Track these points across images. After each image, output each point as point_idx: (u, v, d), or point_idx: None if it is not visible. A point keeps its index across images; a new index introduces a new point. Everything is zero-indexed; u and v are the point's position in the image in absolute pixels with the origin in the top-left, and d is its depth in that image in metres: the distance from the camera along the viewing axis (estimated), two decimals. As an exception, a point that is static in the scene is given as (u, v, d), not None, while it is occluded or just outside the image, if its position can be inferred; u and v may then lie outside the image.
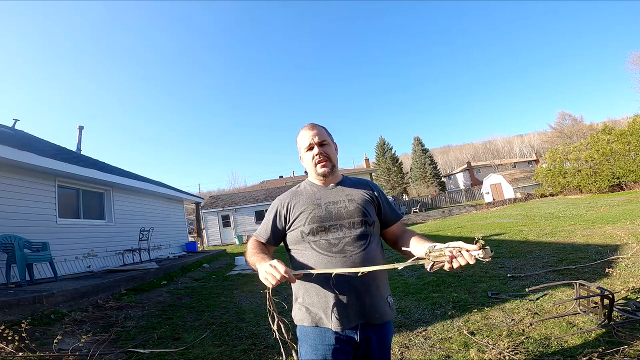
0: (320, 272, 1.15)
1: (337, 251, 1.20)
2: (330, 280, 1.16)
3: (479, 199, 31.15)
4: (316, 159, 1.31)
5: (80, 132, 11.13)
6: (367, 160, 24.72)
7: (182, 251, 11.73)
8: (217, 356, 2.85)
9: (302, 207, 1.29)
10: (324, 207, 1.27)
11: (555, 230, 7.76)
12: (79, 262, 6.55)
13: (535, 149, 60.37)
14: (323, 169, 1.31)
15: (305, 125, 1.37)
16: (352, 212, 1.26)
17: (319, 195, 1.32)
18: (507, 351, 2.39)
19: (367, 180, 1.45)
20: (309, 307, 1.21)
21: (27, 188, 5.63)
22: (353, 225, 1.24)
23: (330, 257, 1.20)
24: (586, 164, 18.24)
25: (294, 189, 1.40)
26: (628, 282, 3.56)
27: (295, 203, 1.31)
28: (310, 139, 1.32)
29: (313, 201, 1.29)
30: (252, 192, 26.00)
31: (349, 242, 1.22)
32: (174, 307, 4.62)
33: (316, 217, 1.25)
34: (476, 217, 15.87)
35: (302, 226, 1.26)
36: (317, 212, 1.26)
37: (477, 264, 5.11)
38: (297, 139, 1.39)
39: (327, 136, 1.36)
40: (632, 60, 30.74)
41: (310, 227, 1.24)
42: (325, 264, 1.19)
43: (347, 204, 1.28)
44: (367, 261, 1.20)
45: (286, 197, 1.36)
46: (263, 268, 1.09)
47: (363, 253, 1.21)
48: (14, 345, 2.61)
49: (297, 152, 1.43)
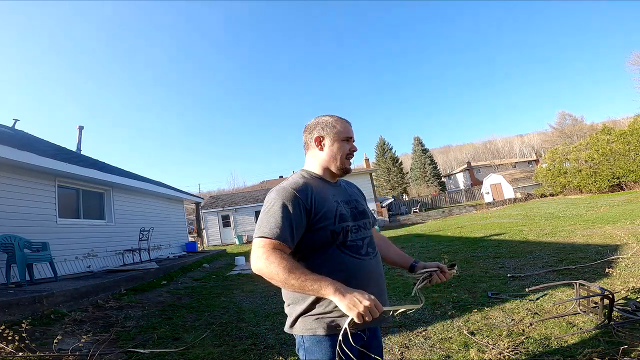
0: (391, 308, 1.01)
1: (364, 253, 1.16)
2: (364, 279, 1.11)
3: (479, 199, 31.14)
4: (350, 155, 1.27)
5: (80, 132, 11.14)
6: (367, 160, 24.69)
7: (182, 251, 11.72)
8: (217, 356, 2.85)
9: (324, 202, 1.13)
10: (343, 205, 1.19)
11: (555, 230, 7.76)
12: (79, 262, 6.55)
13: (535, 149, 60.35)
14: (350, 167, 1.28)
15: (343, 118, 1.31)
16: (362, 212, 1.24)
17: (332, 191, 1.22)
18: (507, 351, 2.39)
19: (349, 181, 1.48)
20: (324, 315, 1.06)
21: (27, 188, 5.63)
22: (365, 225, 1.23)
23: (360, 260, 1.13)
24: (586, 164, 18.24)
25: (301, 179, 1.17)
26: (628, 282, 3.56)
27: (317, 195, 1.13)
28: (351, 133, 1.28)
29: (333, 196, 1.19)
30: (252, 192, 26.00)
31: (369, 242, 1.20)
32: (174, 307, 4.62)
33: (343, 215, 1.15)
34: (476, 217, 15.87)
35: (331, 225, 1.10)
36: (340, 209, 1.15)
37: (477, 264, 5.08)
38: (334, 123, 1.26)
39: None
40: (632, 60, 30.73)
41: (341, 227, 1.11)
42: (358, 269, 1.12)
43: (356, 203, 1.26)
44: (380, 262, 1.24)
45: (304, 188, 1.12)
46: (355, 301, 0.90)
47: (379, 255, 1.24)
48: (14, 345, 2.60)
49: (299, 144, 1.33)
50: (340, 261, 1.10)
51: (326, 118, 1.29)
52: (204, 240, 19.65)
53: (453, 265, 1.30)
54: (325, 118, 1.29)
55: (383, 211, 20.73)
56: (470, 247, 7.16)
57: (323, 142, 1.25)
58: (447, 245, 7.90)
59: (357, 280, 1.06)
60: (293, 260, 1.03)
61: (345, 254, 1.11)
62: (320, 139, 1.25)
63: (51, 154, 6.25)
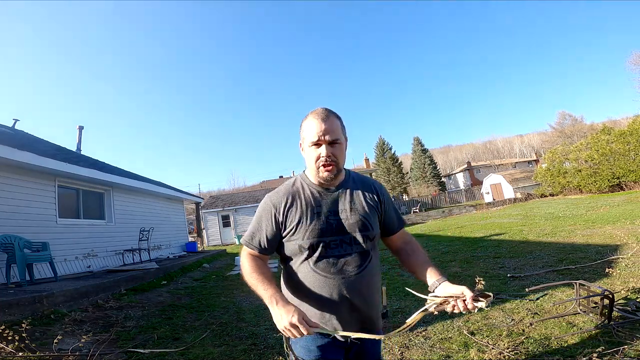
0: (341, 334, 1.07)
1: (335, 271, 1.10)
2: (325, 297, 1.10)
3: (479, 199, 31.14)
4: (322, 161, 1.10)
5: (80, 132, 11.14)
6: (367, 160, 24.74)
7: (182, 251, 11.72)
8: (217, 356, 2.85)
9: (300, 215, 1.12)
10: (324, 218, 1.12)
11: (555, 230, 7.76)
12: (79, 262, 6.55)
13: (535, 149, 60.36)
14: (326, 174, 1.11)
15: (318, 112, 1.12)
16: (353, 225, 1.13)
17: (320, 201, 1.15)
18: (507, 351, 2.39)
19: (372, 181, 1.28)
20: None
21: (27, 188, 5.63)
22: (354, 240, 1.13)
23: (328, 279, 1.10)
24: (586, 164, 18.25)
25: (289, 187, 1.19)
26: (628, 282, 3.56)
27: (293, 208, 1.14)
28: (319, 134, 1.08)
29: (313, 209, 1.13)
30: (252, 192, 26.01)
31: (349, 260, 1.11)
32: (174, 307, 4.62)
33: (316, 230, 1.10)
34: (476, 217, 15.87)
35: (300, 239, 1.11)
36: (317, 224, 1.11)
37: (477, 264, 5.05)
38: (303, 125, 1.14)
39: (341, 132, 1.13)
40: (632, 60, 30.71)
41: (310, 242, 1.10)
42: (323, 286, 1.10)
43: (349, 214, 1.14)
44: (366, 283, 1.13)
45: (281, 199, 1.16)
46: (282, 317, 0.96)
47: (364, 273, 1.12)
48: (14, 345, 2.60)
49: (296, 144, 1.23)
50: (307, 275, 1.12)
51: (302, 121, 1.17)
52: (204, 240, 19.65)
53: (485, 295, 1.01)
54: (302, 121, 1.17)
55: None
56: (470, 247, 7.16)
57: (301, 147, 1.18)
58: (447, 245, 7.90)
59: (321, 299, 1.10)
60: (258, 264, 1.14)
61: (313, 270, 1.11)
62: (301, 146, 1.18)
63: (51, 154, 6.24)
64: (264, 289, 1.05)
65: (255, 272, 1.10)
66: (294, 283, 1.16)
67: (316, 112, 1.12)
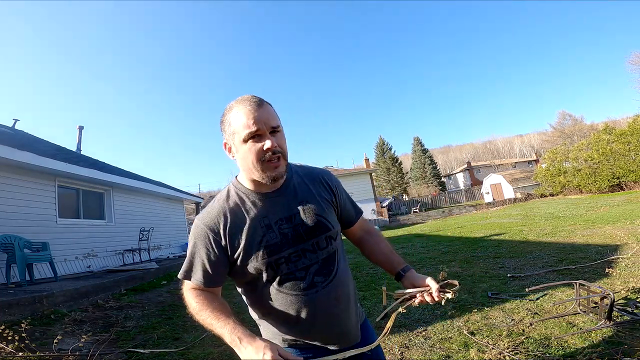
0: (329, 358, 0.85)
1: (305, 287, 0.94)
2: (300, 316, 0.95)
3: (479, 199, 31.14)
4: (268, 157, 0.88)
5: (80, 132, 11.15)
6: (367, 160, 24.70)
7: (182, 251, 11.72)
8: (217, 356, 2.85)
9: (245, 231, 0.93)
10: (276, 230, 0.94)
11: (555, 230, 7.76)
12: (79, 262, 6.55)
13: (536, 149, 60.32)
14: (277, 172, 0.91)
15: (246, 98, 0.90)
16: (312, 229, 0.96)
17: (264, 210, 0.96)
18: (507, 351, 2.39)
19: (320, 170, 1.12)
20: (275, 336, 1.01)
21: (27, 188, 5.63)
22: (317, 246, 0.97)
23: (299, 297, 0.94)
24: (586, 164, 18.26)
25: (222, 202, 0.97)
26: (628, 282, 3.56)
27: (234, 227, 0.94)
28: (257, 123, 0.86)
29: (259, 220, 0.94)
30: (252, 192, 25.91)
31: (317, 270, 0.96)
32: (174, 307, 4.62)
33: (270, 245, 0.92)
34: (476, 217, 15.87)
35: (254, 261, 0.92)
36: (270, 237, 0.93)
37: (477, 264, 5.05)
38: (230, 118, 0.91)
39: (278, 119, 0.93)
40: (632, 60, 30.74)
41: (266, 262, 0.92)
42: (294, 305, 0.94)
43: (304, 217, 0.97)
44: (340, 289, 0.99)
45: (216, 220, 0.94)
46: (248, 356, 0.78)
47: (335, 281, 0.98)
48: (14, 345, 2.60)
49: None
50: (275, 298, 0.95)
51: (225, 114, 0.94)
52: (204, 240, 19.57)
53: (449, 285, 0.98)
54: (224, 114, 0.94)
55: (383, 211, 20.73)
56: (470, 247, 7.16)
57: (231, 150, 0.95)
58: (447, 245, 7.90)
59: (303, 320, 0.95)
60: (206, 298, 0.95)
61: (279, 291, 0.94)
62: (227, 146, 0.96)
63: (51, 154, 6.25)
64: (220, 327, 0.85)
65: (205, 309, 0.90)
66: (259, 307, 1.01)
67: (243, 98, 0.91)
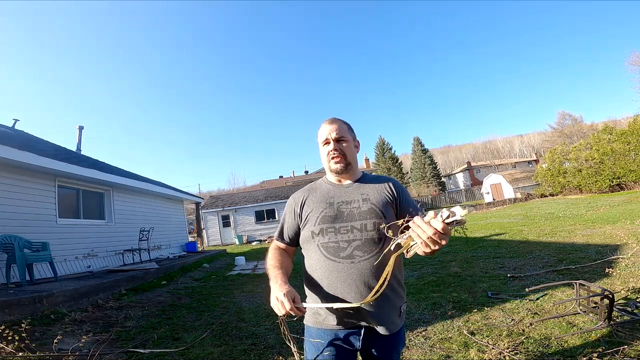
0: (321, 306, 1.15)
1: (345, 256, 1.15)
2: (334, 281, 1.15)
3: (479, 199, 31.15)
4: (331, 155, 1.25)
5: (80, 132, 11.14)
6: (367, 160, 24.77)
7: (182, 251, 11.72)
8: (217, 356, 2.85)
9: (314, 205, 1.26)
10: (335, 207, 1.23)
11: (555, 230, 7.76)
12: (79, 262, 6.55)
13: (535, 149, 60.39)
14: (336, 166, 1.25)
15: (326, 120, 1.32)
16: (365, 212, 1.19)
17: (333, 193, 1.27)
18: (507, 351, 2.39)
19: (387, 177, 1.37)
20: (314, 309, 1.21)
21: (27, 188, 5.63)
22: (365, 227, 1.17)
23: (336, 263, 1.15)
24: (586, 164, 18.26)
25: (310, 185, 1.37)
26: (628, 282, 3.56)
27: (309, 200, 1.28)
28: (327, 134, 1.26)
29: (326, 199, 1.25)
30: (252, 192, 25.98)
31: (359, 245, 1.15)
32: (174, 307, 4.62)
33: (327, 216, 1.21)
34: (476, 217, 15.87)
35: (312, 226, 1.22)
36: (328, 211, 1.22)
37: (477, 264, 5.02)
38: (318, 132, 1.33)
39: (347, 133, 1.29)
40: (632, 60, 30.75)
41: (320, 228, 1.20)
42: (331, 271, 1.15)
43: (361, 203, 1.22)
44: (377, 269, 1.12)
45: (300, 194, 1.33)
46: (274, 294, 1.08)
47: (372, 260, 1.13)
48: (14, 345, 2.60)
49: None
50: (317, 259, 1.20)
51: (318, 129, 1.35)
52: (204, 240, 19.66)
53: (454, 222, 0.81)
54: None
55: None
56: (470, 247, 7.17)
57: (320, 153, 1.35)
58: (447, 245, 7.90)
59: (328, 281, 1.17)
60: (278, 252, 1.29)
61: (322, 254, 1.19)
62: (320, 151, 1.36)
63: (51, 154, 6.24)
64: (271, 270, 1.19)
65: (272, 258, 1.26)
66: (307, 268, 1.26)
67: (326, 120, 1.33)
